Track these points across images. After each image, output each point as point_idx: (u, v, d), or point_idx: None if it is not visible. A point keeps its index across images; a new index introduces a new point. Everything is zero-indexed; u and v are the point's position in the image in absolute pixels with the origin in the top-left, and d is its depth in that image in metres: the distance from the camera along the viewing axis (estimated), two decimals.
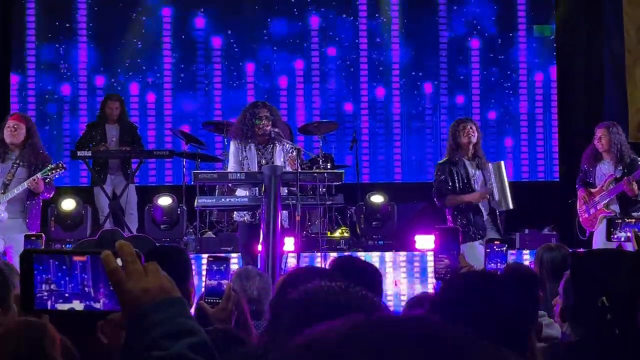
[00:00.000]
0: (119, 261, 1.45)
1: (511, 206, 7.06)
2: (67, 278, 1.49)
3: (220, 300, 3.03)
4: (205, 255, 8.12)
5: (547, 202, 10.55)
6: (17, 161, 7.32)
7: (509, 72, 11.30)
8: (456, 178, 7.25)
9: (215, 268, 3.17)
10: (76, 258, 1.49)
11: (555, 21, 11.24)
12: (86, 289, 1.49)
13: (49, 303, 1.48)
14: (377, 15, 11.21)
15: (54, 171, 7.27)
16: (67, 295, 1.49)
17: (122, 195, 8.97)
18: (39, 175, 7.19)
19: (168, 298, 1.45)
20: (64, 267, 1.49)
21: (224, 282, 3.13)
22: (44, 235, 4.33)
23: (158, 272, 1.47)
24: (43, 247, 4.10)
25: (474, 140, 7.26)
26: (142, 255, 1.48)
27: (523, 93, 11.29)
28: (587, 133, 10.78)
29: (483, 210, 7.23)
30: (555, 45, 11.28)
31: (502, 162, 7.13)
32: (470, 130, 7.26)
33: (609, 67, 10.81)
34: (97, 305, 1.49)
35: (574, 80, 11.14)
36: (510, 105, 11.28)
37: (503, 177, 6.99)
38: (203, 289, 3.22)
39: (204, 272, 3.64)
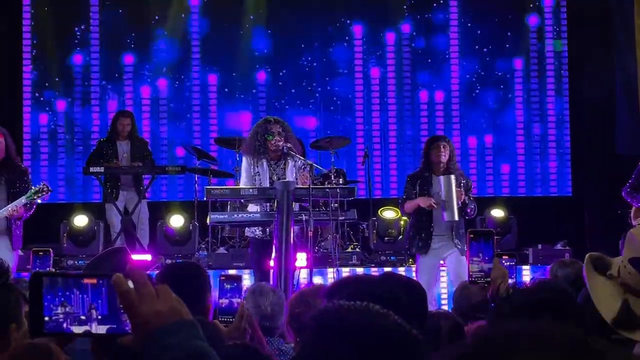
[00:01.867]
0: (130, 283, 1.44)
1: (456, 217, 7.09)
2: (79, 300, 1.48)
3: (233, 319, 3.02)
4: (216, 272, 8.17)
5: (560, 217, 10.51)
6: None
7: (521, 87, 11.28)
8: (418, 190, 7.32)
9: (227, 287, 3.16)
10: (86, 281, 1.48)
11: (567, 35, 11.23)
12: (95, 311, 1.48)
13: (64, 325, 1.47)
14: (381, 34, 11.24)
15: (38, 194, 6.87)
16: (83, 317, 1.48)
17: (134, 212, 8.98)
18: (23, 199, 6.78)
19: (180, 321, 1.44)
20: (75, 289, 1.48)
21: (236, 300, 3.12)
22: (51, 250, 4.28)
23: (169, 294, 1.47)
24: (52, 261, 4.08)
25: (444, 159, 7.32)
26: (153, 277, 1.48)
27: (535, 108, 11.27)
28: (599, 148, 10.80)
29: (434, 225, 7.25)
30: (566, 59, 11.26)
31: (452, 176, 7.16)
32: (443, 149, 7.31)
33: (620, 82, 10.78)
34: (109, 328, 1.48)
35: (587, 95, 11.10)
36: (523, 121, 11.25)
37: (451, 188, 7.05)
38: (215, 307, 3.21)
39: (216, 290, 3.63)
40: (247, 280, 7.16)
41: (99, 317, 1.48)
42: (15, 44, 10.83)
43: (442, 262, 7.40)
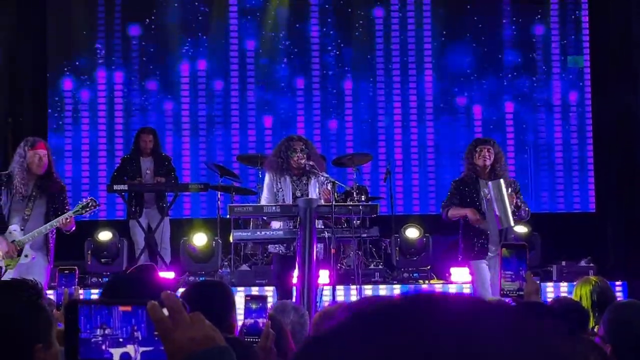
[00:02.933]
0: (164, 311, 1.46)
1: (512, 224, 6.91)
2: (118, 324, 1.50)
3: (259, 339, 3.03)
4: (240, 289, 8.18)
5: (583, 233, 10.45)
6: (33, 193, 6.81)
7: (542, 104, 11.26)
8: (466, 196, 7.18)
9: (252, 307, 3.17)
10: (121, 308, 1.51)
11: (589, 51, 11.21)
12: (136, 333, 1.50)
13: (103, 347, 1.50)
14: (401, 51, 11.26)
15: (86, 209, 6.83)
16: (121, 340, 1.50)
17: (158, 229, 9.02)
18: (71, 213, 6.74)
19: (215, 347, 1.47)
20: (110, 315, 1.50)
21: (262, 320, 3.13)
22: (77, 268, 4.30)
23: (203, 321, 1.49)
24: (77, 279, 4.11)
25: (489, 162, 7.16)
26: (186, 305, 1.49)
27: (558, 124, 11.24)
28: (622, 163, 10.73)
29: (490, 232, 7.08)
30: (589, 75, 11.23)
31: (502, 180, 6.99)
32: (487, 152, 7.17)
33: None
34: (133, 354, 1.50)
35: (608, 111, 11.06)
36: (546, 137, 11.22)
37: (503, 194, 6.87)
38: (239, 326, 3.22)
39: (239, 309, 3.63)
40: (270, 297, 7.16)
41: (140, 339, 1.50)
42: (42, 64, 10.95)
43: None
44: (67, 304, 1.51)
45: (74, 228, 6.90)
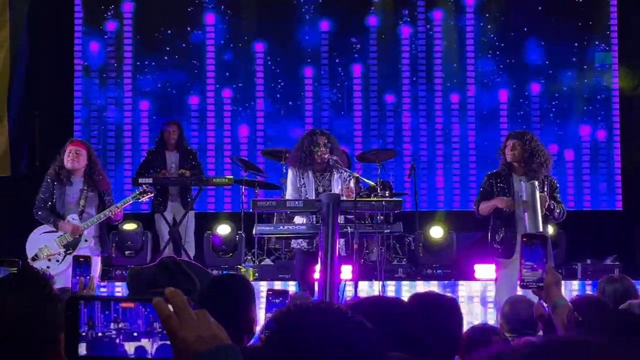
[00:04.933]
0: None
1: (541, 229, 6.76)
2: (133, 318, 1.50)
3: None
4: (262, 283, 8.20)
5: (609, 231, 10.36)
6: (86, 187, 7.37)
7: (570, 101, 11.18)
8: (497, 190, 7.12)
9: (273, 301, 3.16)
10: (124, 305, 1.50)
11: (617, 47, 11.10)
12: (154, 325, 1.50)
13: (117, 341, 1.49)
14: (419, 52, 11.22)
15: (143, 195, 7.46)
16: (135, 334, 1.49)
17: (182, 222, 9.06)
18: (129, 199, 7.37)
19: (222, 346, 1.46)
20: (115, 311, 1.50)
21: None
22: (91, 257, 4.31)
23: (208, 319, 1.48)
24: (91, 268, 4.09)
25: (510, 159, 7.08)
26: (192, 302, 1.48)
27: (585, 121, 11.15)
28: None
29: (518, 231, 6.98)
30: (616, 72, 11.13)
31: (536, 182, 6.90)
32: (512, 147, 7.07)
33: None
34: (149, 348, 1.49)
35: (637, 108, 10.96)
36: (572, 134, 11.13)
37: (535, 196, 6.76)
38: (262, 321, 3.22)
39: (261, 302, 3.64)
40: (292, 293, 7.17)
41: (158, 332, 1.49)
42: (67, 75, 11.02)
43: None
44: (67, 300, 1.50)
45: (121, 218, 7.63)
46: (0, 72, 10.45)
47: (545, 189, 6.99)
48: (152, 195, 7.56)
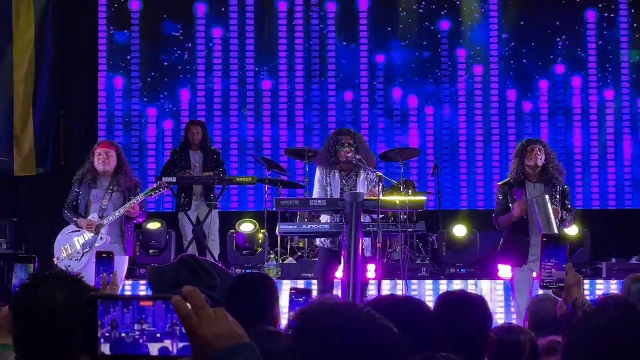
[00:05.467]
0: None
1: None
2: (156, 319, 1.50)
3: None
4: (286, 282, 8.21)
5: (634, 230, 10.28)
6: (111, 187, 7.38)
7: (597, 99, 11.12)
8: (511, 199, 7.09)
9: (297, 300, 3.17)
10: (143, 303, 1.51)
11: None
12: (175, 328, 1.50)
13: (140, 342, 1.50)
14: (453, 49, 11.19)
15: (157, 191, 7.40)
16: (158, 335, 1.50)
17: (206, 221, 9.09)
18: (142, 195, 7.30)
19: (240, 344, 1.46)
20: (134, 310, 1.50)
21: None
22: (114, 253, 4.30)
23: (227, 317, 1.49)
24: (114, 265, 4.09)
25: (540, 162, 7.06)
26: (209, 300, 1.49)
27: (610, 120, 11.08)
28: None
29: (530, 239, 6.95)
30: None
31: (547, 196, 6.86)
32: (539, 152, 7.06)
33: None
34: (171, 348, 1.50)
35: None
36: (597, 132, 11.07)
37: (548, 210, 6.75)
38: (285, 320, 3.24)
39: (284, 301, 3.64)
40: (316, 292, 7.18)
41: (179, 334, 1.50)
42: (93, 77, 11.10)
43: (535, 274, 6.97)
44: (86, 299, 1.51)
45: (141, 219, 7.61)
46: (26, 72, 10.54)
47: (558, 196, 6.98)
48: (164, 191, 7.53)
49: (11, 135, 10.43)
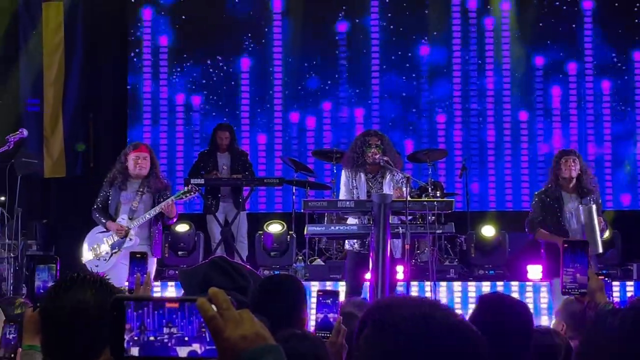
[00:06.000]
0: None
1: (600, 250, 6.84)
2: (184, 322, 1.50)
3: (330, 334, 3.02)
4: (314, 283, 8.21)
5: None
6: (141, 189, 7.39)
7: (625, 102, 11.03)
8: (549, 209, 7.09)
9: (324, 302, 3.17)
10: (169, 305, 1.51)
11: None
12: (206, 332, 1.50)
13: (169, 345, 1.50)
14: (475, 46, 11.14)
15: (187, 194, 7.40)
16: (186, 339, 1.50)
17: (234, 223, 9.12)
18: (173, 198, 7.30)
19: (266, 345, 1.46)
20: (159, 312, 1.50)
21: (332, 315, 3.13)
22: (148, 253, 4.32)
23: (252, 319, 1.48)
24: (148, 265, 4.10)
25: (575, 174, 7.07)
26: (234, 301, 1.49)
27: (639, 120, 10.98)
28: None
29: None
30: None
31: (594, 206, 6.89)
32: (572, 163, 7.08)
33: None
34: (200, 351, 1.50)
35: None
36: (625, 134, 10.97)
37: (593, 220, 6.77)
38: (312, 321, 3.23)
39: (312, 302, 3.63)
40: (343, 294, 7.17)
41: (208, 339, 1.50)
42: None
43: None
44: (112, 301, 1.51)
45: (176, 218, 7.58)
46: (55, 75, 10.63)
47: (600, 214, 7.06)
48: (196, 194, 7.54)
49: (41, 137, 10.53)
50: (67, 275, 2.43)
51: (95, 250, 7.39)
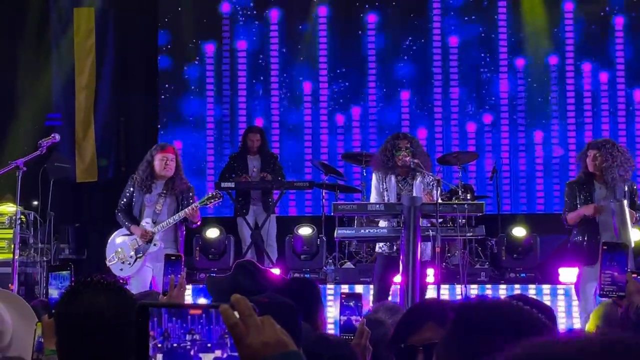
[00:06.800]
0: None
1: (632, 245, 6.70)
2: (206, 329, 1.51)
3: (353, 337, 3.02)
4: (344, 287, 8.20)
5: None
6: (164, 191, 7.40)
7: None
8: (580, 198, 7.04)
9: (346, 304, 3.17)
10: (192, 312, 1.51)
11: None
12: (225, 338, 1.51)
13: (191, 352, 1.51)
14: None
15: (211, 200, 7.38)
16: (209, 345, 1.51)
17: (264, 226, 9.13)
18: (197, 204, 7.30)
19: (287, 352, 1.46)
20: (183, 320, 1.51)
21: (354, 318, 3.13)
22: (183, 256, 4.33)
23: (274, 325, 1.49)
24: (183, 267, 4.11)
25: (596, 168, 6.97)
26: (257, 308, 1.49)
27: None
28: None
29: (600, 238, 6.85)
30: None
31: (625, 201, 6.83)
32: (594, 158, 6.98)
33: None
34: (222, 357, 1.51)
35: None
36: None
37: (625, 215, 6.72)
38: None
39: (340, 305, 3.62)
40: (372, 297, 7.16)
41: (229, 345, 1.51)
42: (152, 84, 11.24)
43: None
44: (137, 308, 1.52)
45: (199, 222, 7.52)
46: (87, 80, 10.72)
47: (626, 195, 6.95)
48: (221, 200, 7.51)
49: (73, 142, 10.62)
50: (80, 280, 2.44)
51: (119, 254, 7.41)
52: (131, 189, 7.48)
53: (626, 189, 7.01)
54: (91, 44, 10.77)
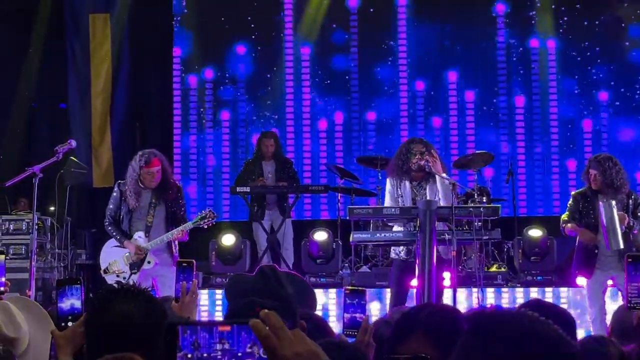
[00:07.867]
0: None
1: (621, 246, 6.80)
2: (237, 338, 1.52)
3: (357, 333, 3.03)
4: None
5: None
6: (153, 200, 7.16)
7: None
8: (582, 210, 7.11)
9: (350, 301, 3.18)
10: (221, 328, 1.52)
11: None
12: (257, 348, 1.52)
13: None
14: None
15: (204, 220, 7.17)
16: (240, 354, 1.52)
17: (279, 230, 9.14)
18: (190, 224, 7.10)
19: None
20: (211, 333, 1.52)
21: (358, 315, 3.13)
22: (194, 261, 4.31)
23: (305, 337, 1.53)
24: (195, 273, 4.09)
25: (597, 186, 7.06)
26: (287, 322, 1.52)
27: None
28: None
29: (599, 250, 7.03)
30: None
31: (613, 202, 6.85)
32: (593, 178, 7.07)
33: None
34: None
35: None
36: None
37: (613, 215, 6.75)
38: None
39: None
40: (389, 300, 7.15)
41: (258, 355, 1.52)
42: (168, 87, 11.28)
43: (610, 281, 7.12)
44: (166, 326, 1.53)
45: (187, 239, 7.23)
46: (103, 86, 10.77)
47: (630, 206, 7.03)
48: (214, 220, 7.24)
49: (89, 147, 10.68)
50: (108, 287, 2.47)
51: (112, 267, 7.21)
52: (118, 196, 7.22)
53: (631, 202, 7.05)
54: (107, 50, 10.82)
